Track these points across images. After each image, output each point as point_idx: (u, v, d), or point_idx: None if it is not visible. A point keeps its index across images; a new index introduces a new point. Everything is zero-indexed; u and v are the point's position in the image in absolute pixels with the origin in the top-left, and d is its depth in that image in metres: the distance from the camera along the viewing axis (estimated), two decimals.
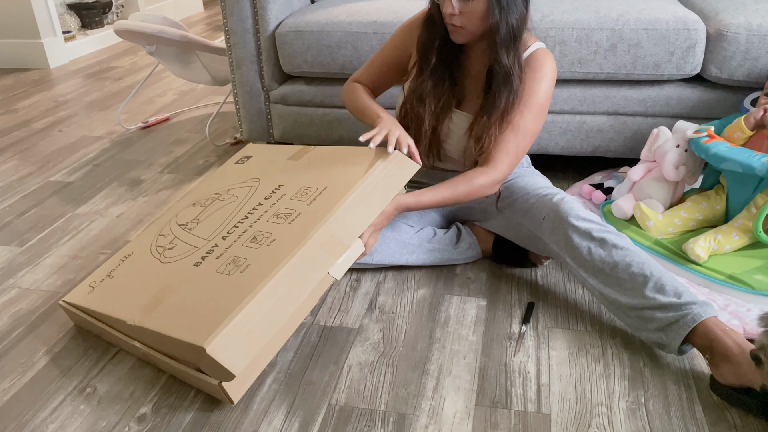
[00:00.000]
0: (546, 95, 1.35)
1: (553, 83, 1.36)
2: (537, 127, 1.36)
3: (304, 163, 1.38)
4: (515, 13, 1.25)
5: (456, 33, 1.30)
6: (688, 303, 1.14)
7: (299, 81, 1.96)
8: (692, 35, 1.64)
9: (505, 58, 1.28)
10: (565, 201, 1.31)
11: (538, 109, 1.34)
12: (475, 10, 1.24)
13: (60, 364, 1.27)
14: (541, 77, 1.33)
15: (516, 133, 1.34)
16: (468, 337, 1.29)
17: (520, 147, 1.36)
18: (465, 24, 1.27)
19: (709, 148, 1.46)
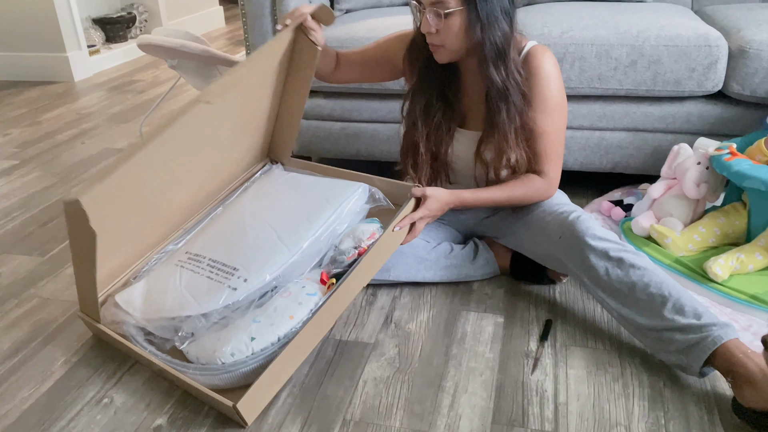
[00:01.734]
0: (558, 92, 1.33)
1: (560, 77, 1.33)
2: (563, 124, 1.36)
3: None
4: (498, 30, 1.22)
5: (437, 52, 1.29)
6: (708, 324, 1.12)
7: (318, 95, 1.97)
8: (714, 52, 1.63)
9: (495, 74, 1.26)
10: (581, 220, 1.29)
11: (556, 109, 1.33)
12: (451, 27, 1.23)
13: (78, 374, 1.28)
14: (546, 77, 1.31)
15: (546, 139, 1.34)
16: (485, 354, 1.28)
17: (558, 148, 1.36)
18: (443, 42, 1.25)
19: (731, 166, 1.44)
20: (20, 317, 1.47)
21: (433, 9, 1.22)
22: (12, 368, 1.30)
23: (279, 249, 1.24)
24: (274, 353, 1.10)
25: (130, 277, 1.36)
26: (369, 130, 1.94)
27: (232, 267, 1.23)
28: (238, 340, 1.11)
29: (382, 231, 1.30)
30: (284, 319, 1.15)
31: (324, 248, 1.27)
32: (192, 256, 1.30)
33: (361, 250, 1.26)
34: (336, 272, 1.26)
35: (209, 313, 1.17)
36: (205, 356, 1.12)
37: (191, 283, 1.23)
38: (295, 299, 1.18)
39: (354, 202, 1.34)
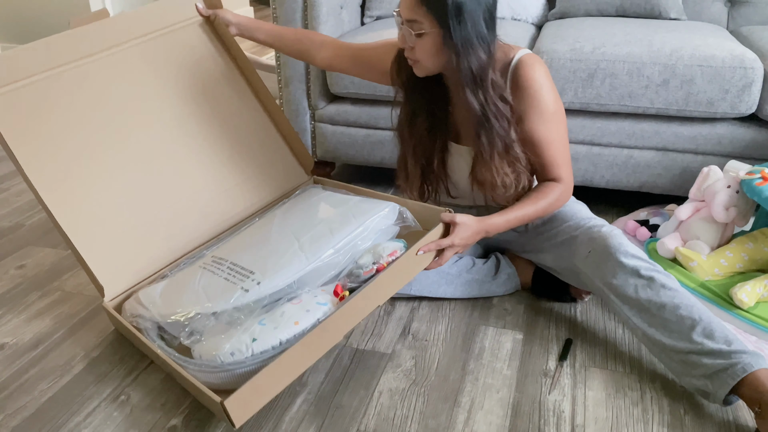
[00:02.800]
0: (553, 100, 1.30)
1: (552, 85, 1.30)
2: (564, 129, 1.33)
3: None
4: (473, 56, 1.19)
5: (415, 67, 1.27)
6: (738, 351, 1.09)
7: (345, 101, 1.98)
8: (749, 74, 1.60)
9: (473, 99, 1.22)
10: (614, 236, 1.27)
11: (554, 117, 1.30)
12: (424, 47, 1.20)
13: (96, 369, 1.29)
14: (538, 88, 1.27)
15: (552, 147, 1.31)
16: (502, 371, 1.26)
17: (565, 153, 1.34)
18: (419, 58, 1.24)
19: (762, 191, 1.41)
20: (43, 309, 1.49)
21: (407, 27, 1.21)
22: (33, 360, 1.32)
23: (297, 256, 1.23)
24: (273, 357, 1.07)
25: (158, 277, 1.37)
26: (394, 139, 1.94)
27: (249, 270, 1.23)
28: (239, 339, 1.10)
29: (404, 250, 1.27)
30: (289, 324, 1.13)
31: (343, 261, 1.25)
32: (216, 259, 1.31)
33: (380, 266, 1.23)
34: (351, 286, 1.24)
35: (219, 313, 1.17)
36: (206, 354, 1.11)
37: (209, 283, 1.24)
38: (304, 307, 1.17)
39: (380, 219, 1.31)
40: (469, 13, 1.15)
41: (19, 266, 1.68)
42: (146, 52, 1.51)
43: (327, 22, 1.89)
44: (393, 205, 1.35)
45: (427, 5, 1.16)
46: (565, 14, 2.12)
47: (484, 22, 1.18)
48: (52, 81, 1.36)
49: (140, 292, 1.30)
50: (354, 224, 1.28)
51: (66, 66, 1.39)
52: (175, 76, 1.53)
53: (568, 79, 1.70)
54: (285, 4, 1.88)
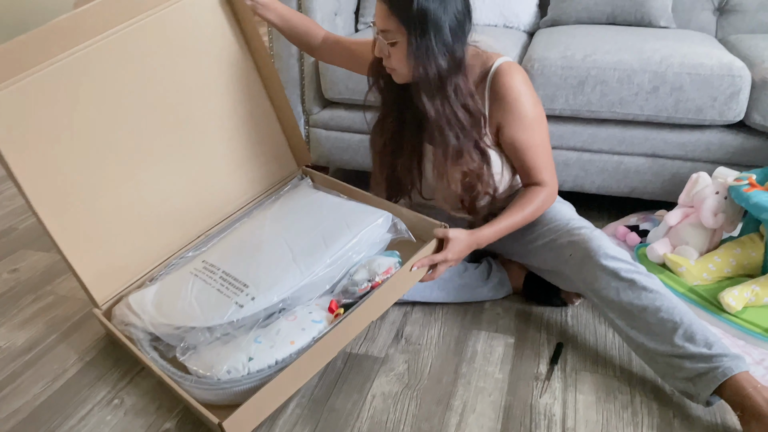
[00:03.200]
0: (532, 106, 1.31)
1: (531, 91, 1.31)
2: (545, 134, 1.35)
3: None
4: (433, 64, 1.21)
5: (392, 74, 1.29)
6: (719, 355, 1.11)
7: (339, 107, 1.99)
8: (737, 82, 1.63)
9: (430, 106, 1.24)
10: (593, 238, 1.28)
11: (534, 123, 1.31)
12: (396, 55, 1.23)
13: (90, 373, 1.29)
14: (517, 96, 1.29)
15: (535, 152, 1.33)
16: (494, 375, 1.28)
17: (548, 157, 1.36)
18: (395, 67, 1.26)
19: (750, 197, 1.43)
20: (36, 313, 1.49)
21: (381, 36, 1.24)
22: (26, 363, 1.32)
23: (292, 270, 1.23)
24: (269, 376, 1.09)
25: (147, 279, 1.37)
26: None
27: (243, 283, 1.23)
28: (236, 358, 1.11)
29: (399, 267, 1.28)
30: (285, 343, 1.13)
31: (337, 275, 1.26)
32: (207, 265, 1.31)
33: (375, 283, 1.23)
34: (346, 302, 1.24)
35: (213, 327, 1.17)
36: (202, 369, 1.12)
37: (201, 293, 1.24)
38: (300, 324, 1.17)
39: (374, 230, 1.32)
40: (434, 22, 1.18)
41: (12, 270, 1.68)
42: (154, 29, 1.40)
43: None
44: (386, 215, 1.35)
45: (397, 15, 1.19)
46: (557, 22, 2.14)
47: (451, 31, 1.20)
48: (47, 76, 1.29)
49: (130, 297, 1.30)
50: (348, 235, 1.29)
51: (65, 55, 1.30)
52: (182, 54, 1.45)
53: (559, 86, 1.72)
54: None
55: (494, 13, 2.17)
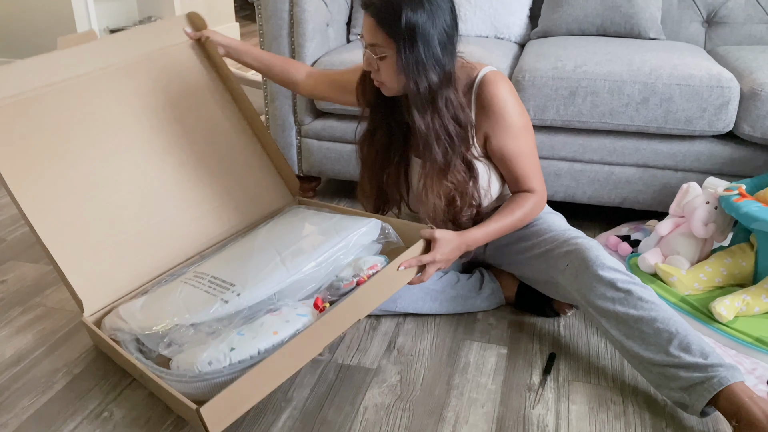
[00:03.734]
0: (519, 115, 1.31)
1: (517, 100, 1.32)
2: (531, 143, 1.36)
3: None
4: (424, 78, 1.21)
5: (380, 87, 1.30)
6: (715, 365, 1.11)
7: (331, 117, 1.99)
8: (725, 93, 1.64)
9: (420, 120, 1.25)
10: (591, 248, 1.28)
11: (522, 132, 1.32)
12: (385, 69, 1.24)
13: (79, 385, 1.28)
14: (503, 105, 1.29)
15: (522, 161, 1.34)
16: (487, 386, 1.27)
17: (536, 165, 1.37)
18: (384, 80, 1.26)
19: (739, 207, 1.44)
20: (24, 325, 1.47)
21: (369, 50, 1.24)
22: (14, 377, 1.30)
23: (278, 269, 1.24)
24: (251, 367, 1.06)
25: (139, 293, 1.37)
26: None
27: (229, 282, 1.23)
28: (217, 348, 1.09)
29: (385, 263, 1.27)
30: (268, 334, 1.12)
31: (324, 275, 1.25)
32: (198, 274, 1.31)
33: (360, 280, 1.23)
34: (332, 299, 1.24)
35: (198, 324, 1.17)
36: (184, 364, 1.10)
37: (189, 295, 1.25)
38: (284, 318, 1.16)
39: (363, 234, 1.32)
40: (423, 36, 1.18)
41: (0, 281, 1.66)
42: (135, 73, 1.52)
43: (313, 39, 1.91)
44: (375, 221, 1.35)
45: (385, 29, 1.19)
46: (548, 33, 2.16)
47: (440, 44, 1.20)
48: (39, 100, 1.37)
49: (120, 308, 1.30)
50: (336, 239, 1.29)
51: (53, 85, 1.40)
52: (164, 96, 1.54)
53: (550, 97, 1.73)
54: (271, 20, 1.90)
55: (485, 24, 2.18)
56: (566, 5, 2.10)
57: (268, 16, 1.90)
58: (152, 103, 1.52)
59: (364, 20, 1.24)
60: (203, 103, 1.60)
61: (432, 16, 1.18)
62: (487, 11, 2.18)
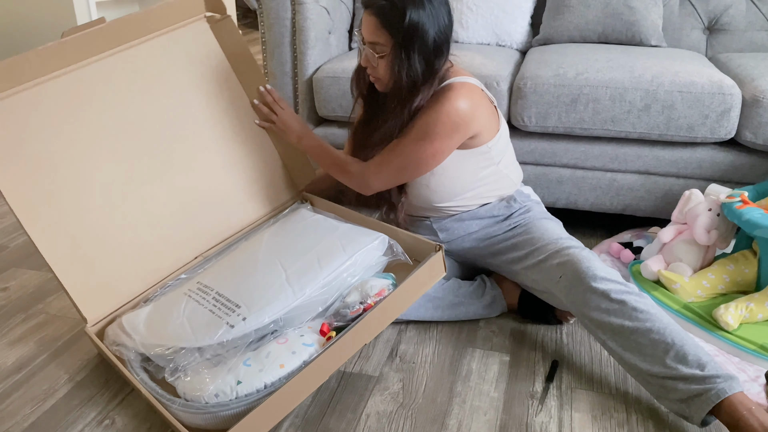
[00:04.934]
0: (435, 122, 1.31)
1: (454, 121, 1.31)
2: (418, 152, 1.34)
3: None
4: (406, 74, 1.28)
5: (376, 83, 1.38)
6: (712, 377, 1.11)
7: (333, 125, 1.99)
8: (727, 100, 1.64)
9: (392, 107, 1.33)
10: (582, 259, 1.27)
11: (419, 135, 1.33)
12: (385, 66, 1.31)
13: (81, 393, 1.27)
14: (439, 108, 1.31)
15: (393, 150, 1.37)
16: (489, 393, 1.27)
17: (394, 163, 1.37)
18: (380, 76, 1.34)
19: (742, 214, 1.44)
20: (26, 332, 1.47)
21: (369, 48, 1.31)
22: (16, 384, 1.30)
23: (284, 291, 1.22)
24: (258, 401, 1.07)
25: (141, 299, 1.36)
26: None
27: (235, 303, 1.22)
28: (224, 381, 1.10)
29: (392, 288, 1.27)
30: (274, 367, 1.12)
31: (330, 297, 1.24)
32: (202, 287, 1.30)
33: (367, 306, 1.22)
34: (338, 325, 1.23)
35: (204, 348, 1.16)
36: (191, 392, 1.10)
37: (193, 313, 1.23)
38: (290, 348, 1.15)
39: (370, 252, 1.31)
40: (420, 36, 1.26)
41: (2, 288, 1.66)
42: (144, 56, 1.44)
43: (315, 47, 1.92)
44: (383, 237, 1.34)
45: (388, 29, 1.26)
46: (549, 40, 2.16)
47: (434, 44, 1.28)
48: (39, 93, 1.31)
49: (123, 318, 1.29)
50: (343, 257, 1.28)
51: (55, 75, 1.33)
52: (173, 82, 1.47)
53: (552, 104, 1.73)
54: (273, 28, 1.91)
55: (487, 31, 2.19)
56: (567, 12, 2.11)
57: (271, 23, 1.91)
58: (161, 92, 1.45)
59: (365, 19, 1.29)
60: (213, 91, 1.53)
61: (431, 17, 1.25)
62: (488, 19, 2.18)
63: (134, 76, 1.43)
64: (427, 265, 1.28)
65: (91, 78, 1.38)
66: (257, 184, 1.60)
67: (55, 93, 1.34)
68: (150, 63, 1.45)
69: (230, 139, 1.55)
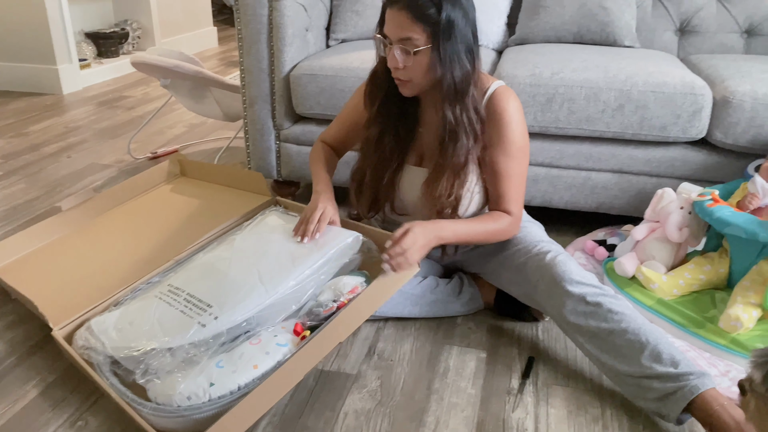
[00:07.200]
0: (521, 135, 1.34)
1: (522, 120, 1.34)
2: (524, 167, 1.37)
3: None
4: (458, 69, 1.23)
5: (403, 87, 1.30)
6: (685, 374, 1.13)
7: (310, 122, 1.99)
8: (699, 100, 1.67)
9: (450, 112, 1.27)
10: (558, 263, 1.29)
11: (517, 151, 1.34)
12: (419, 64, 1.24)
13: (53, 394, 1.25)
14: (509, 121, 1.31)
15: (510, 181, 1.35)
16: (467, 390, 1.27)
17: (521, 189, 1.37)
18: (411, 77, 1.27)
19: (713, 212, 1.47)
20: None
21: (401, 46, 1.23)
22: None
23: (257, 290, 1.20)
24: (231, 403, 1.05)
25: (111, 303, 1.34)
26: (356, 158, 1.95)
27: (206, 303, 1.20)
28: (196, 383, 1.07)
29: (365, 286, 1.26)
30: (248, 367, 1.10)
31: (304, 296, 1.23)
32: (172, 289, 1.28)
33: (341, 303, 1.21)
34: (311, 324, 1.22)
35: (175, 349, 1.13)
36: (162, 396, 1.08)
37: (164, 315, 1.21)
38: (263, 348, 1.14)
39: (343, 250, 1.30)
40: (459, 28, 1.21)
41: None
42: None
43: (292, 44, 1.91)
44: (356, 235, 1.33)
45: (423, 21, 1.20)
46: (525, 40, 2.18)
47: (472, 35, 1.24)
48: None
49: (92, 322, 1.26)
50: (316, 256, 1.27)
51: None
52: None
53: (528, 104, 1.74)
54: (249, 25, 1.89)
55: None
56: (543, 13, 2.13)
57: (247, 20, 1.89)
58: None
59: (393, 16, 1.22)
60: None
61: (464, 10, 1.22)
62: None
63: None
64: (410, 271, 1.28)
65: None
66: (230, 200, 1.65)
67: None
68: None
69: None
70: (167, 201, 1.75)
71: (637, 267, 1.56)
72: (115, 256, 1.50)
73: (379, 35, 1.28)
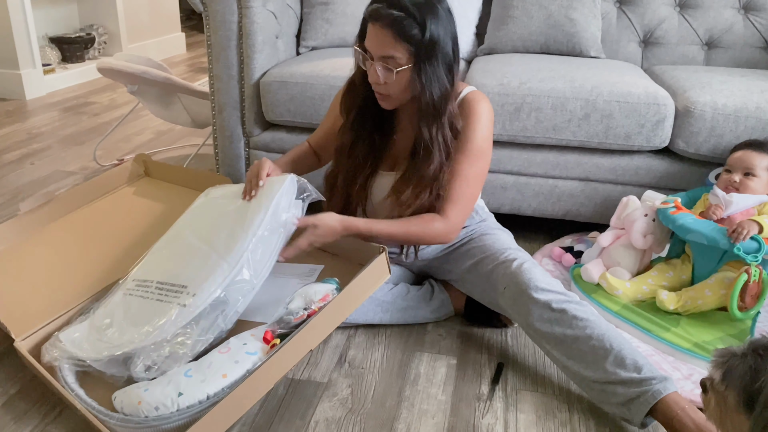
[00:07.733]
0: (483, 138, 1.34)
1: (489, 125, 1.35)
2: (479, 170, 1.37)
3: None
4: (437, 88, 1.25)
5: (383, 100, 1.32)
6: (648, 379, 1.15)
7: (280, 129, 1.98)
8: (662, 110, 1.72)
9: (426, 130, 1.28)
10: (524, 270, 1.31)
11: (476, 153, 1.34)
12: (400, 81, 1.26)
13: (15, 407, 1.22)
14: (475, 122, 1.33)
15: (460, 181, 1.34)
16: (437, 396, 1.28)
17: (468, 193, 1.36)
18: (391, 92, 1.28)
19: (675, 219, 1.51)
20: None
21: (383, 63, 1.24)
22: None
23: (219, 266, 1.20)
24: (200, 413, 1.04)
25: (77, 313, 1.31)
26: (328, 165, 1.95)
27: (180, 285, 1.19)
28: (164, 393, 1.06)
29: (336, 293, 1.25)
30: (217, 377, 1.09)
31: (275, 237, 1.24)
32: (140, 282, 1.26)
33: (311, 311, 1.20)
34: (281, 332, 1.21)
35: (160, 342, 1.13)
36: (129, 406, 1.06)
37: (141, 309, 1.20)
38: (233, 357, 1.13)
39: (283, 196, 1.28)
40: (441, 46, 1.22)
41: None
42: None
43: (263, 51, 1.90)
44: (290, 176, 1.32)
45: (407, 41, 1.21)
46: (493, 50, 2.21)
47: (453, 52, 1.25)
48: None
49: (60, 335, 1.22)
50: (261, 212, 1.25)
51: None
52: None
53: (497, 113, 1.77)
54: (219, 31, 1.88)
55: None
56: (511, 23, 2.16)
57: (216, 26, 1.88)
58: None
59: (376, 32, 1.23)
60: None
61: (445, 27, 1.22)
62: None
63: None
64: (371, 268, 1.28)
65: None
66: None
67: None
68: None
69: None
70: (131, 203, 1.72)
71: (602, 274, 1.59)
72: (77, 263, 1.47)
73: (359, 48, 1.29)
